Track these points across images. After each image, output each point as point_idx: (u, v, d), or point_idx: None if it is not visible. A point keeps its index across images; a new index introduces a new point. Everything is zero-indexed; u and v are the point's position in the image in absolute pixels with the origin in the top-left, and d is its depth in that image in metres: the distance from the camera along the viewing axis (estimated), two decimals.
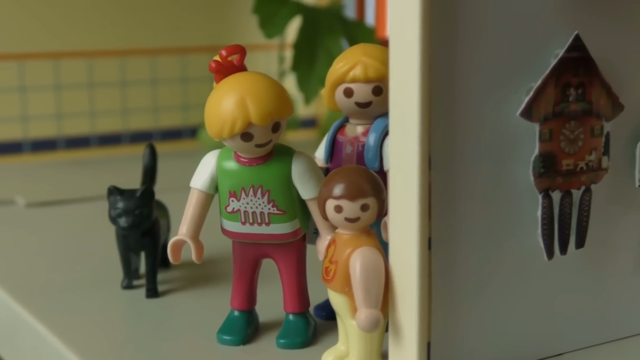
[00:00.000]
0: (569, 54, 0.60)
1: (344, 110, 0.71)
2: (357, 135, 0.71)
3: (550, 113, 0.60)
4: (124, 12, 1.55)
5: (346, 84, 0.69)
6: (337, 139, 0.72)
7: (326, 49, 1.28)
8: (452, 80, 0.56)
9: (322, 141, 0.73)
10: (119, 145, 1.58)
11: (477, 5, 0.56)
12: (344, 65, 0.69)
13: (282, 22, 1.30)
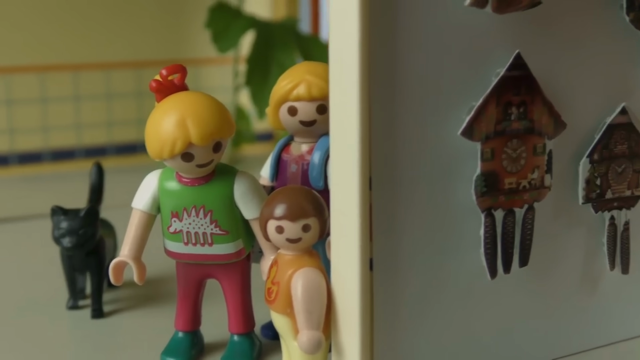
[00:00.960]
0: (510, 72, 0.60)
1: (289, 129, 0.70)
2: (302, 153, 0.70)
3: (492, 132, 0.60)
4: (78, 26, 1.54)
5: (290, 103, 0.68)
6: (282, 157, 0.71)
7: (280, 63, 1.27)
8: (392, 100, 0.56)
9: (267, 159, 0.73)
10: (73, 161, 1.56)
11: (418, 25, 0.56)
12: (287, 83, 0.68)
13: (235, 36, 1.30)
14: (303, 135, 0.70)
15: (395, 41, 0.55)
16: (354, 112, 0.55)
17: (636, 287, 0.70)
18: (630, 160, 0.67)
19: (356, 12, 0.54)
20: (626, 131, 0.66)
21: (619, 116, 0.66)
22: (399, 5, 0.55)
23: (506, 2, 0.58)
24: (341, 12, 0.55)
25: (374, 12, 0.54)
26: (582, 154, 0.65)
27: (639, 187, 0.68)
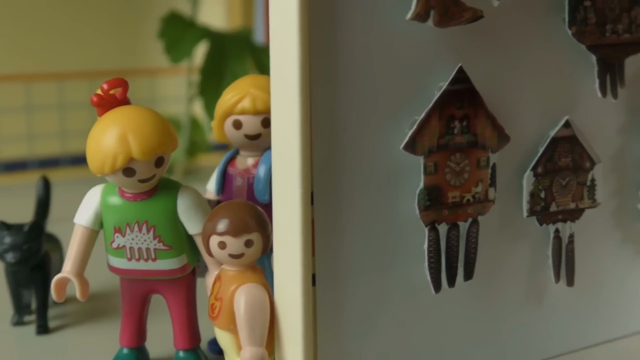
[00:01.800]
0: (453, 86, 0.60)
1: (234, 143, 0.70)
2: (247, 167, 0.70)
3: (435, 146, 0.60)
4: (30, 35, 1.52)
5: (235, 116, 0.68)
6: (227, 171, 0.71)
7: (233, 74, 1.27)
8: (334, 114, 0.56)
9: (214, 173, 0.72)
10: (24, 172, 1.54)
11: (359, 39, 0.56)
12: (232, 97, 0.68)
13: (188, 47, 1.29)
14: (248, 149, 0.70)
15: (336, 55, 0.55)
16: (295, 127, 0.55)
17: (581, 299, 0.70)
18: (574, 173, 0.67)
19: (296, 26, 0.53)
20: (570, 144, 0.67)
21: (563, 129, 0.66)
22: (339, 19, 0.55)
23: (448, 16, 0.58)
24: (281, 25, 0.55)
25: (314, 25, 0.54)
26: (526, 167, 0.65)
27: (583, 200, 0.68)
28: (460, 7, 0.59)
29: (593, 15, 0.66)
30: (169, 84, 1.62)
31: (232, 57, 1.29)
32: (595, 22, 0.66)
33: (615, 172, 0.71)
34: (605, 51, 0.67)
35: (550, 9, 0.64)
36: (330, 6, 0.54)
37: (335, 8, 0.55)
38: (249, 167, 0.70)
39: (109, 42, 1.58)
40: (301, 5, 0.53)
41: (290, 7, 0.54)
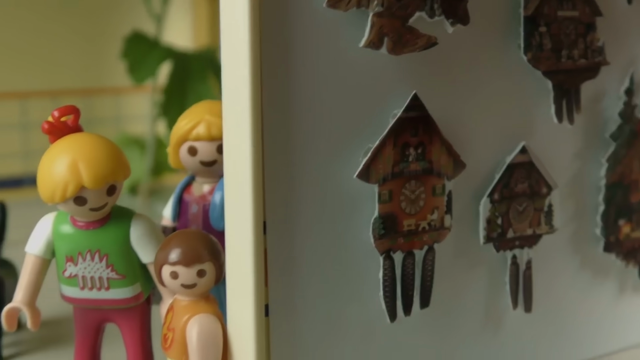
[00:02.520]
0: (408, 113, 0.59)
1: (189, 169, 0.69)
2: (203, 194, 0.69)
3: (390, 173, 0.59)
4: None
5: (190, 142, 0.67)
6: (183, 197, 0.70)
7: (197, 94, 1.26)
8: (287, 143, 0.55)
9: (170, 199, 0.71)
10: None
11: (312, 67, 0.55)
12: (187, 123, 0.67)
13: (152, 67, 1.28)
14: (204, 175, 0.69)
15: (289, 82, 0.55)
16: (247, 155, 0.54)
17: (540, 325, 0.70)
18: (531, 199, 0.67)
19: (247, 53, 0.53)
20: (526, 170, 0.66)
21: (519, 155, 0.66)
22: (292, 46, 0.54)
23: (402, 43, 0.58)
24: (232, 52, 0.54)
25: (267, 52, 0.53)
26: (482, 193, 0.65)
27: (540, 226, 0.68)
28: (414, 33, 0.59)
29: (548, 41, 0.66)
30: (134, 103, 1.61)
31: (195, 77, 1.28)
32: (550, 47, 0.66)
33: (572, 197, 0.71)
34: (561, 77, 0.67)
35: (505, 35, 0.64)
36: (283, 33, 0.54)
37: (288, 35, 0.54)
38: (205, 193, 0.69)
39: (73, 61, 1.57)
40: (253, 33, 0.53)
41: (242, 34, 0.53)
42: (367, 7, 0.56)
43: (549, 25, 0.66)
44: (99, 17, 1.57)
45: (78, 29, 1.56)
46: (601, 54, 0.69)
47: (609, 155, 0.72)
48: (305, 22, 0.55)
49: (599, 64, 0.69)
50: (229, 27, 0.54)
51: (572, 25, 0.67)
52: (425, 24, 0.59)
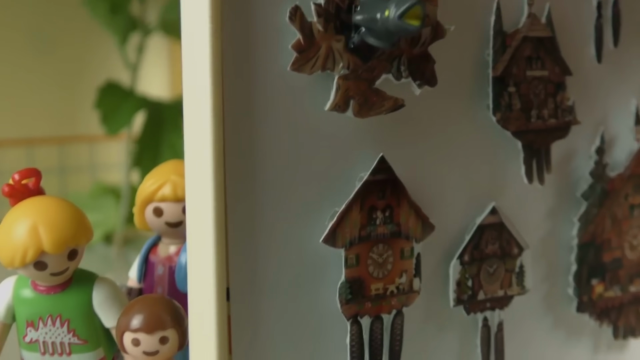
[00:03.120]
0: (374, 176, 0.58)
1: (155, 230, 0.68)
2: (169, 255, 0.68)
3: (356, 237, 0.58)
4: None
5: (155, 203, 0.66)
6: (149, 258, 0.69)
7: (170, 144, 1.25)
8: (250, 206, 0.54)
9: (136, 259, 0.70)
10: None
11: (276, 130, 0.55)
12: (152, 183, 0.66)
13: (125, 118, 1.27)
14: (170, 236, 0.68)
15: (252, 144, 0.54)
16: (210, 218, 0.53)
17: None
18: (501, 260, 0.66)
19: (210, 116, 0.52)
20: (497, 231, 0.66)
21: (490, 216, 0.65)
22: (256, 109, 0.54)
23: (368, 105, 0.57)
24: (196, 115, 0.53)
25: (230, 115, 0.53)
26: (452, 255, 0.64)
27: (512, 287, 0.67)
28: (381, 96, 0.58)
29: (518, 101, 0.65)
30: (109, 151, 1.60)
31: (169, 126, 1.28)
32: (520, 107, 0.66)
33: (544, 257, 0.70)
34: (531, 137, 0.67)
35: (474, 95, 0.64)
36: (247, 97, 0.53)
37: (251, 99, 0.54)
38: (171, 255, 0.68)
39: (48, 109, 1.56)
40: (215, 97, 0.52)
41: (204, 99, 0.52)
42: (332, 70, 0.56)
43: (518, 85, 0.65)
44: (75, 66, 1.57)
45: (53, 77, 1.55)
46: (571, 113, 0.69)
47: (581, 214, 0.71)
48: (269, 85, 0.54)
49: (569, 123, 0.69)
50: (191, 90, 0.54)
51: (542, 84, 0.67)
52: (392, 86, 0.58)
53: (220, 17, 0.52)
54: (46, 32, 1.52)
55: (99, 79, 1.44)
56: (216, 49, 0.52)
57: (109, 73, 1.47)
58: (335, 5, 0.55)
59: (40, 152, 1.53)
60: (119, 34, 1.31)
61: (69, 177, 1.58)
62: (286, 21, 0.54)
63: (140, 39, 1.36)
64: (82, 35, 1.54)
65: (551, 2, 0.68)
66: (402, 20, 0.52)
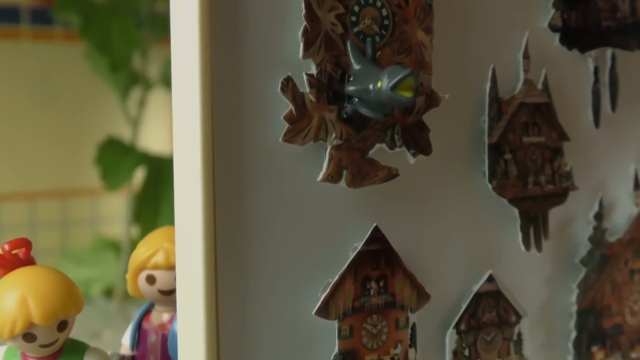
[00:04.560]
0: (368, 246, 0.58)
1: (148, 297, 0.67)
2: (162, 322, 0.67)
3: (350, 308, 0.57)
4: None
5: (148, 271, 0.65)
6: (142, 325, 0.68)
7: (170, 200, 1.24)
8: (241, 276, 0.53)
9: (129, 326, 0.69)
10: None
11: (267, 200, 0.54)
12: (145, 251, 0.66)
13: (125, 174, 1.27)
14: (163, 304, 0.67)
15: (244, 216, 0.53)
16: (200, 290, 0.52)
17: None
18: (499, 328, 0.65)
19: (200, 190, 0.52)
20: (494, 299, 0.65)
21: (486, 284, 0.64)
22: (246, 181, 0.53)
23: (361, 175, 0.57)
24: (186, 187, 0.53)
25: (220, 187, 0.52)
26: (448, 324, 0.63)
27: (510, 355, 0.66)
28: (375, 166, 0.57)
29: (514, 167, 0.65)
30: (110, 204, 1.59)
31: (169, 182, 1.27)
32: (516, 174, 0.65)
33: (542, 325, 0.69)
34: (528, 204, 0.66)
35: (469, 163, 0.63)
36: (238, 168, 0.53)
37: (242, 171, 0.53)
38: (164, 322, 0.67)
39: (49, 162, 1.56)
40: (205, 170, 0.52)
41: (194, 172, 0.52)
42: (325, 140, 0.55)
43: (514, 152, 0.65)
44: (76, 119, 1.57)
45: (55, 130, 1.56)
46: (569, 178, 0.69)
47: (580, 280, 0.70)
48: (260, 157, 0.54)
49: (567, 189, 0.68)
50: (181, 161, 0.53)
51: (539, 150, 0.67)
52: (386, 155, 0.58)
53: (210, 87, 0.52)
54: (49, 85, 1.52)
55: (101, 132, 1.44)
56: (207, 120, 0.52)
57: (111, 126, 1.47)
58: (328, 76, 0.55)
59: (41, 205, 1.52)
60: (120, 88, 1.31)
61: (71, 230, 1.57)
62: (278, 92, 0.54)
63: (142, 93, 1.36)
64: (84, 89, 1.54)
65: (547, 68, 0.67)
66: (395, 92, 0.52)
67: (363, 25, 0.57)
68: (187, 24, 0.52)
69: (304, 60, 0.54)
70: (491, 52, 0.64)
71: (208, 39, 0.51)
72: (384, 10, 0.57)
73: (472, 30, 0.63)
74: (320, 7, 0.55)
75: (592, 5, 0.70)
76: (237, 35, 0.53)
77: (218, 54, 0.52)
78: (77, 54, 1.44)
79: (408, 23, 0.58)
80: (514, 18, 0.66)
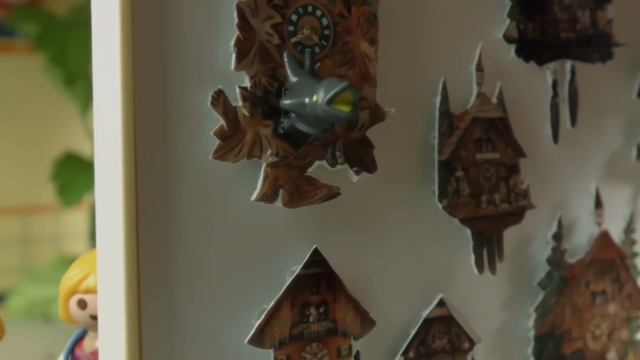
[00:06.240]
0: (307, 270, 0.54)
1: (79, 323, 0.63)
2: (95, 350, 0.63)
3: (287, 337, 0.54)
4: None
5: (79, 295, 0.62)
6: (75, 352, 0.64)
7: None
8: (166, 305, 0.50)
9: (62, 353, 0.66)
10: None
11: (196, 219, 0.51)
12: (76, 274, 0.62)
13: (81, 190, 1.23)
14: (96, 330, 0.63)
15: (171, 237, 0.50)
16: (121, 318, 0.49)
17: None
18: (451, 355, 0.62)
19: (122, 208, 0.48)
20: (445, 324, 0.62)
21: (437, 309, 0.61)
22: (174, 200, 0.50)
23: (299, 195, 0.53)
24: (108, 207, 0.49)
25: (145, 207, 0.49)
26: (396, 351, 0.60)
27: None
28: (314, 184, 0.54)
29: (466, 186, 0.62)
30: (74, 221, 1.56)
31: None
32: (469, 193, 0.62)
33: (498, 351, 0.66)
34: (481, 224, 0.63)
35: (418, 181, 0.60)
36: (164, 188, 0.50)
37: (169, 190, 0.50)
38: (97, 349, 0.63)
39: (11, 178, 1.52)
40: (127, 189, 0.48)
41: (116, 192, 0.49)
42: (259, 157, 0.52)
43: (466, 170, 0.62)
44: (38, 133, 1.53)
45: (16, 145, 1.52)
46: (526, 197, 0.65)
47: (538, 304, 0.67)
48: (188, 176, 0.50)
49: (523, 208, 0.65)
50: (102, 179, 0.50)
51: (493, 168, 0.63)
52: (327, 173, 0.55)
53: (132, 100, 0.48)
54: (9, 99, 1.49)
55: (63, 147, 1.40)
56: (128, 136, 0.48)
57: (72, 141, 1.43)
58: (263, 89, 0.52)
59: (2, 222, 1.48)
60: (79, 101, 1.28)
61: (32, 248, 1.54)
62: (208, 105, 0.50)
63: None
64: (46, 102, 1.50)
65: (503, 81, 0.64)
66: (331, 106, 0.48)
67: (301, 36, 0.53)
68: (107, 31, 0.49)
69: (237, 73, 0.51)
70: (442, 64, 0.61)
71: (130, 48, 0.48)
72: (324, 19, 0.54)
73: (421, 41, 0.60)
74: (254, 16, 0.51)
75: (551, 16, 0.67)
76: (164, 44, 0.49)
77: (142, 65, 0.48)
78: (38, 66, 1.40)
79: (351, 33, 0.55)
80: (466, 28, 0.63)
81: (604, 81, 0.71)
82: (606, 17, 0.71)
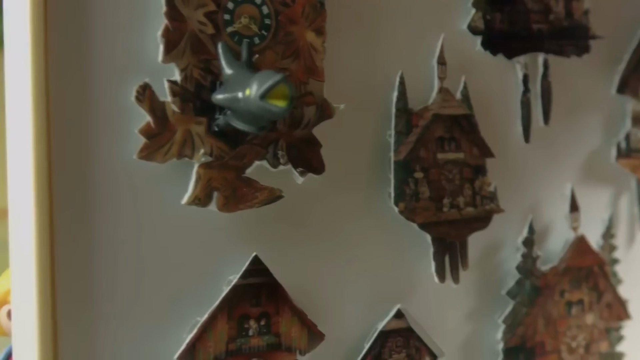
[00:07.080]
0: (246, 279, 0.50)
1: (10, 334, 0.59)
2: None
3: (223, 352, 0.50)
4: None
5: (9, 306, 0.58)
6: None
7: None
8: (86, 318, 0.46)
9: None
10: None
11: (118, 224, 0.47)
12: (7, 284, 0.58)
13: None
14: None
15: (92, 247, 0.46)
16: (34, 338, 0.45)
17: None
18: None
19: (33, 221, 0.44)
20: (403, 337, 0.58)
21: (394, 320, 0.57)
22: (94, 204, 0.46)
23: (236, 198, 0.49)
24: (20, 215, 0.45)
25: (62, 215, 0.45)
26: None
27: None
28: (253, 186, 0.50)
29: (426, 188, 0.58)
30: None
31: None
32: (429, 196, 0.58)
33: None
34: (443, 229, 0.58)
35: (372, 183, 0.56)
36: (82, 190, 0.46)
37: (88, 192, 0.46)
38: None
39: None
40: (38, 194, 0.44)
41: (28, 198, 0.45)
42: (191, 157, 0.48)
43: (426, 170, 0.58)
44: None
45: None
46: (493, 200, 0.61)
47: (507, 315, 0.63)
48: (110, 177, 0.46)
49: (490, 212, 0.61)
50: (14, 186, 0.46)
51: (457, 168, 0.59)
52: (269, 174, 0.50)
53: (46, 95, 0.44)
54: None
55: None
56: (40, 134, 0.44)
57: None
58: (195, 83, 0.48)
59: None
60: None
61: None
62: (132, 101, 0.46)
63: None
64: None
65: (468, 75, 0.60)
66: (265, 101, 0.44)
67: (239, 25, 0.49)
68: (18, 21, 0.44)
69: (166, 65, 0.47)
70: (399, 56, 0.57)
71: (42, 39, 0.44)
72: (264, 7, 0.50)
73: (376, 31, 0.56)
74: (185, 4, 0.47)
75: (520, 6, 0.63)
76: (83, 33, 0.45)
77: (57, 56, 0.44)
78: None
79: (295, 23, 0.51)
80: (427, 18, 0.59)
81: (580, 76, 0.67)
82: (582, 7, 0.66)
